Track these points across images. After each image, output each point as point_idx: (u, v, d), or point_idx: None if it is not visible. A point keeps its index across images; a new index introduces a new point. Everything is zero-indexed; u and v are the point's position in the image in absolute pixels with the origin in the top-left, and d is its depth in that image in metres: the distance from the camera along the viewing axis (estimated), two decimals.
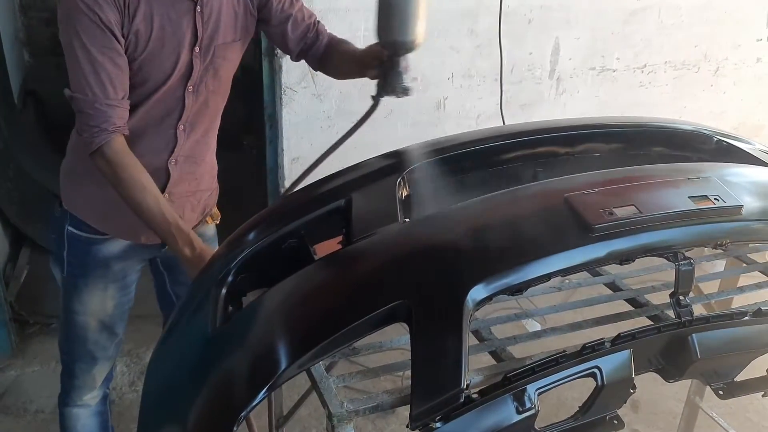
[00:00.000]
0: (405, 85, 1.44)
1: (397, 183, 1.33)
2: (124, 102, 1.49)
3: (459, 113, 3.09)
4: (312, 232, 1.32)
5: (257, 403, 1.01)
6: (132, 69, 1.50)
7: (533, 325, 2.75)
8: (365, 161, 1.46)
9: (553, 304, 1.48)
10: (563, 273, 1.10)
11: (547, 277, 1.08)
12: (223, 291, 1.24)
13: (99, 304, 1.76)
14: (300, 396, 2.16)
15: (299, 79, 2.76)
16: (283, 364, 1.02)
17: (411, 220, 1.26)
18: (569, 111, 3.27)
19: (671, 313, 1.23)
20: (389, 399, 1.11)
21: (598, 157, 1.57)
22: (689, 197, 1.18)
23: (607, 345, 1.10)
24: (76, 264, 1.73)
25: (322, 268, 1.20)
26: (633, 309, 1.44)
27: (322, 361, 1.12)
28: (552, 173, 1.45)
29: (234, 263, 1.27)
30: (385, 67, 1.45)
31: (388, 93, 1.47)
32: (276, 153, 2.94)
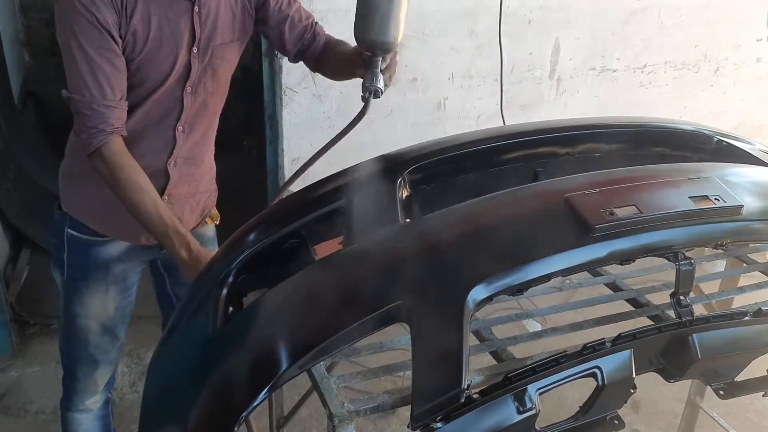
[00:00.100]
0: (375, 87, 1.42)
1: (398, 183, 1.33)
2: (121, 103, 1.48)
3: (459, 113, 3.08)
4: (313, 232, 1.32)
5: (258, 404, 1.01)
6: (130, 70, 1.49)
7: (534, 326, 2.75)
8: (365, 162, 1.46)
9: (554, 304, 1.48)
10: (564, 273, 1.10)
11: (548, 278, 1.08)
12: (224, 291, 1.24)
13: (100, 306, 1.75)
14: (301, 396, 2.16)
15: (299, 80, 2.76)
16: (284, 364, 1.02)
17: (411, 220, 1.26)
18: (569, 111, 3.26)
19: (672, 313, 1.23)
20: (390, 399, 1.11)
21: (598, 158, 1.57)
22: (690, 197, 1.18)
23: (608, 345, 1.10)
24: (76, 266, 1.72)
25: (322, 268, 1.20)
26: (633, 309, 1.44)
27: (322, 362, 1.12)
28: (552, 173, 1.45)
29: (234, 264, 1.27)
30: (365, 67, 1.44)
31: (363, 93, 1.45)
32: (276, 153, 2.94)
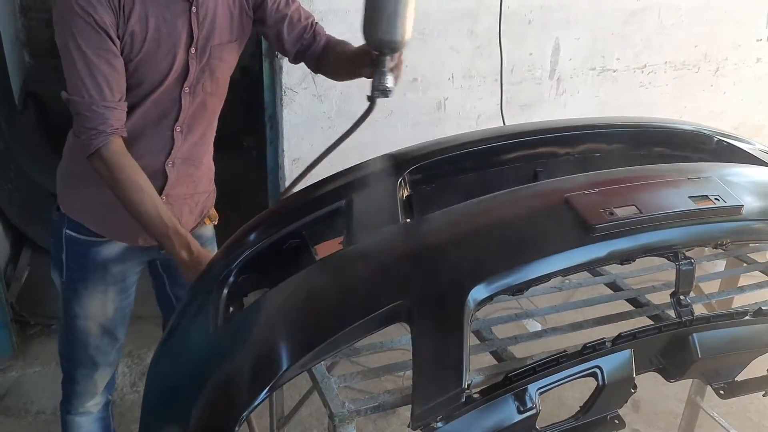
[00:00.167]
0: (384, 86, 1.41)
1: (398, 183, 1.34)
2: (121, 104, 1.48)
3: (459, 114, 3.09)
4: (313, 232, 1.32)
5: (259, 404, 1.01)
6: (128, 70, 1.49)
7: (534, 325, 2.75)
8: (366, 162, 1.46)
9: (554, 304, 1.48)
10: (564, 273, 1.10)
11: (548, 277, 1.08)
12: (225, 292, 1.24)
13: (100, 307, 1.75)
14: (301, 396, 2.16)
15: (300, 80, 2.76)
16: (285, 364, 1.02)
17: (412, 220, 1.26)
18: (569, 111, 3.26)
19: (672, 313, 1.23)
20: (390, 399, 1.11)
21: (598, 158, 1.57)
22: (689, 197, 1.18)
23: (608, 345, 1.10)
24: (75, 267, 1.72)
25: (323, 268, 1.21)
26: (634, 309, 1.44)
27: (323, 361, 1.12)
28: (552, 173, 1.46)
29: (235, 264, 1.27)
30: (373, 66, 1.43)
31: (371, 93, 1.44)
32: (276, 154, 2.94)
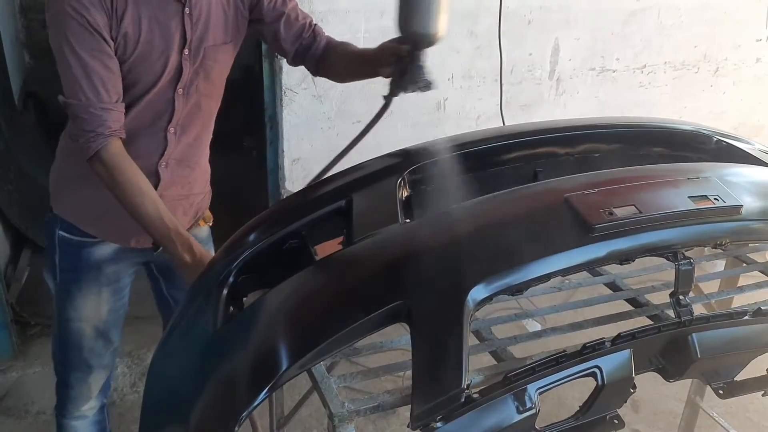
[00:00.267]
0: (428, 79, 1.42)
1: (397, 183, 1.34)
2: (118, 105, 1.47)
3: (459, 114, 3.09)
4: (313, 232, 1.32)
5: (258, 404, 1.01)
6: (121, 72, 1.48)
7: (533, 325, 2.75)
8: (366, 162, 1.46)
9: (554, 304, 1.48)
10: (563, 273, 1.10)
11: (548, 277, 1.08)
12: (225, 292, 1.24)
13: (93, 309, 1.74)
14: (301, 396, 2.17)
15: (300, 81, 2.76)
16: (285, 364, 1.02)
17: (411, 220, 1.26)
18: (569, 111, 3.27)
19: (671, 313, 1.23)
20: (390, 399, 1.11)
21: (598, 158, 1.58)
22: (689, 197, 1.18)
23: (608, 345, 1.10)
24: (68, 269, 1.71)
25: (322, 268, 1.20)
26: (633, 309, 1.44)
27: (323, 362, 1.12)
28: (552, 173, 1.46)
29: (235, 264, 1.27)
30: (405, 63, 1.43)
31: (407, 89, 1.44)
32: (276, 154, 2.94)
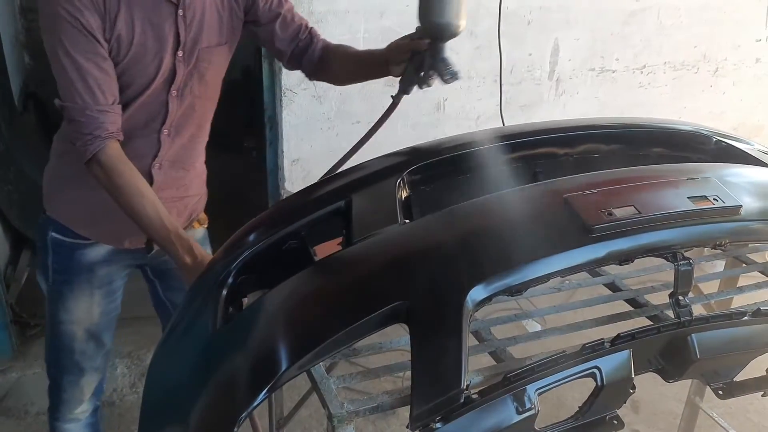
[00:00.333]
0: (453, 69, 1.42)
1: (397, 184, 1.34)
2: (115, 107, 1.46)
3: (459, 114, 3.09)
4: (312, 233, 1.32)
5: (258, 404, 1.01)
6: (115, 73, 1.48)
7: (533, 326, 2.75)
8: (365, 162, 1.46)
9: (553, 304, 1.49)
10: (563, 273, 1.10)
11: (547, 278, 1.08)
12: (224, 292, 1.24)
13: (85, 311, 1.73)
14: (301, 397, 2.17)
15: (299, 81, 2.76)
16: (284, 364, 1.02)
17: (410, 220, 1.26)
18: (569, 112, 3.27)
19: (671, 314, 1.23)
20: (389, 400, 1.11)
21: (597, 158, 1.57)
22: (688, 197, 1.18)
23: (607, 345, 1.10)
24: (60, 270, 1.70)
25: (322, 269, 1.20)
26: (632, 309, 1.44)
27: (322, 362, 1.12)
28: (552, 174, 1.45)
29: (234, 264, 1.27)
30: (420, 58, 1.44)
31: (424, 84, 1.45)
32: (276, 155, 2.94)
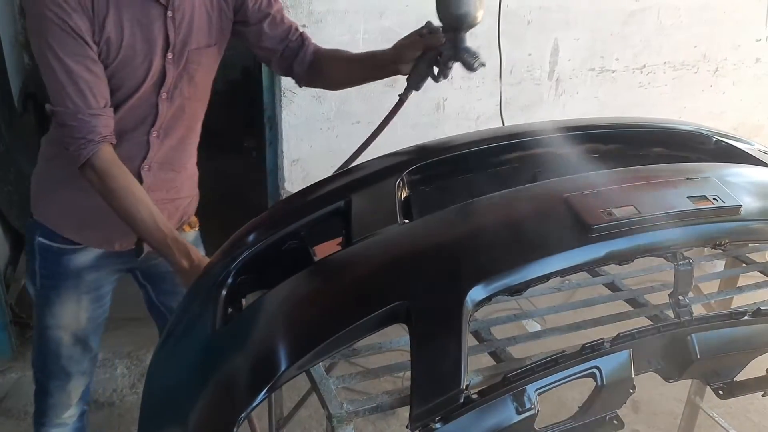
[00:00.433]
0: (479, 56, 1.41)
1: (396, 184, 1.34)
2: (106, 110, 1.45)
3: (458, 114, 3.09)
4: (312, 233, 1.32)
5: (257, 404, 1.01)
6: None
7: (533, 326, 2.75)
8: (364, 162, 1.46)
9: (553, 304, 1.48)
10: (562, 273, 1.10)
11: (547, 278, 1.08)
12: (223, 293, 1.24)
13: (72, 317, 1.72)
14: (300, 397, 2.16)
15: None
16: (283, 365, 1.02)
17: (410, 220, 1.26)
18: (569, 112, 3.27)
19: (671, 313, 1.23)
20: (389, 400, 1.11)
21: (597, 158, 1.57)
22: (688, 197, 1.18)
23: (607, 345, 1.10)
24: (47, 276, 1.69)
25: (321, 269, 1.20)
26: (632, 309, 1.44)
27: (322, 362, 1.12)
28: (551, 174, 1.45)
29: (234, 265, 1.27)
30: (434, 54, 1.44)
31: (440, 77, 1.46)
32: (276, 155, 2.94)
